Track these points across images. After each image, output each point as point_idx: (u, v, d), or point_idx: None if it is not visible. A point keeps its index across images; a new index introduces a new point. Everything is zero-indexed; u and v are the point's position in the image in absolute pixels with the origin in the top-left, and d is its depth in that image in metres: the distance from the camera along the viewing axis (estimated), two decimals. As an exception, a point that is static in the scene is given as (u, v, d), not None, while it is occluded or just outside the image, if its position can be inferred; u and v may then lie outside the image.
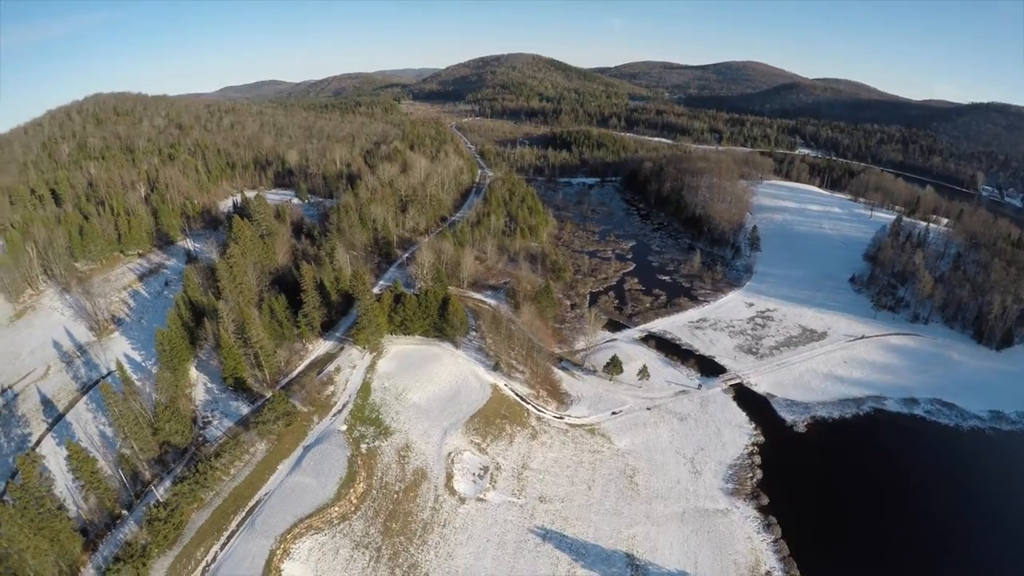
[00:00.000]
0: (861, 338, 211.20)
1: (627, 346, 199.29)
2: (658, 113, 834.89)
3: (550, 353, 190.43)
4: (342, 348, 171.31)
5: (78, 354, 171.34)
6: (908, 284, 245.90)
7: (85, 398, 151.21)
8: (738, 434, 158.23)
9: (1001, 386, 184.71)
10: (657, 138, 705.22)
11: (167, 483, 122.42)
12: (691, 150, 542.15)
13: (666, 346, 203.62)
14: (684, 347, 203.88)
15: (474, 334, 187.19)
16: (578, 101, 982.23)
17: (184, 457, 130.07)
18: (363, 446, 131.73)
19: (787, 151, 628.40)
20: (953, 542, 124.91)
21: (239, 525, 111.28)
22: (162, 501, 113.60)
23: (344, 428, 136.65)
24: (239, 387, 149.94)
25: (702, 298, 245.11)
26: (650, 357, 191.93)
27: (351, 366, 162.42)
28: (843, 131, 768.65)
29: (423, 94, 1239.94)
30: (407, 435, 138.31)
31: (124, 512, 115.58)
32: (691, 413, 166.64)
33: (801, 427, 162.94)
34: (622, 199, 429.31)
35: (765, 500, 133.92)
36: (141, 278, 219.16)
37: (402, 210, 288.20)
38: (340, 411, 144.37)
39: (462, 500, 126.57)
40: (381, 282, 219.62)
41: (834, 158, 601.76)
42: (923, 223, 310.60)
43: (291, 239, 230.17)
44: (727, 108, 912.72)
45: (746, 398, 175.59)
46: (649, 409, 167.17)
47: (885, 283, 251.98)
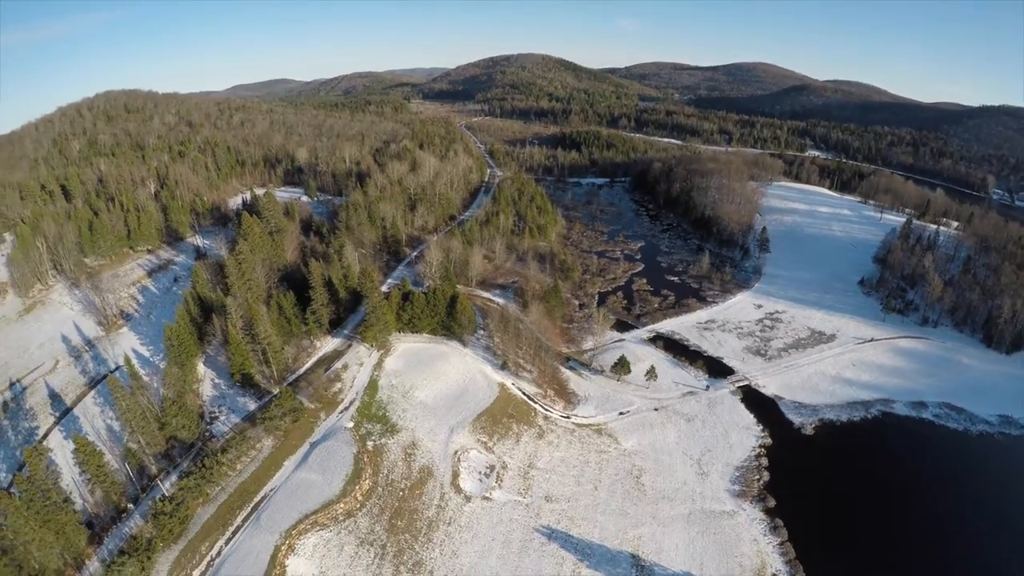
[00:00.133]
0: (870, 341, 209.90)
1: (635, 346, 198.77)
2: (668, 114, 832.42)
3: (558, 352, 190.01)
4: (350, 345, 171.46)
5: (86, 349, 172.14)
6: (918, 287, 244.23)
7: (93, 392, 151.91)
8: (745, 436, 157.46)
9: (1010, 390, 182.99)
10: (667, 139, 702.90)
11: (173, 478, 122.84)
12: (701, 151, 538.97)
13: (674, 347, 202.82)
14: (692, 348, 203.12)
15: (482, 333, 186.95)
16: (588, 102, 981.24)
17: (190, 452, 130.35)
18: (369, 443, 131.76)
19: (797, 153, 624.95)
20: (961, 547, 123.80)
21: (244, 520, 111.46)
22: (168, 495, 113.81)
23: (351, 425, 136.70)
24: (246, 383, 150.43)
25: (711, 299, 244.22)
26: (658, 358, 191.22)
27: (358, 363, 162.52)
28: (853, 133, 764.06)
29: (433, 93, 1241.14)
30: (414, 433, 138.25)
31: (130, 506, 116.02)
32: (698, 414, 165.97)
33: (809, 429, 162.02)
34: (631, 200, 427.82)
35: (772, 502, 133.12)
36: (150, 274, 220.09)
37: (411, 208, 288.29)
38: (347, 408, 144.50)
39: (468, 498, 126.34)
40: (389, 280, 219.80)
41: (844, 160, 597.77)
42: (933, 226, 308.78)
43: (300, 236, 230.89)
44: (737, 109, 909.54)
45: (754, 400, 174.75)
46: (656, 410, 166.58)
47: (894, 286, 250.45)
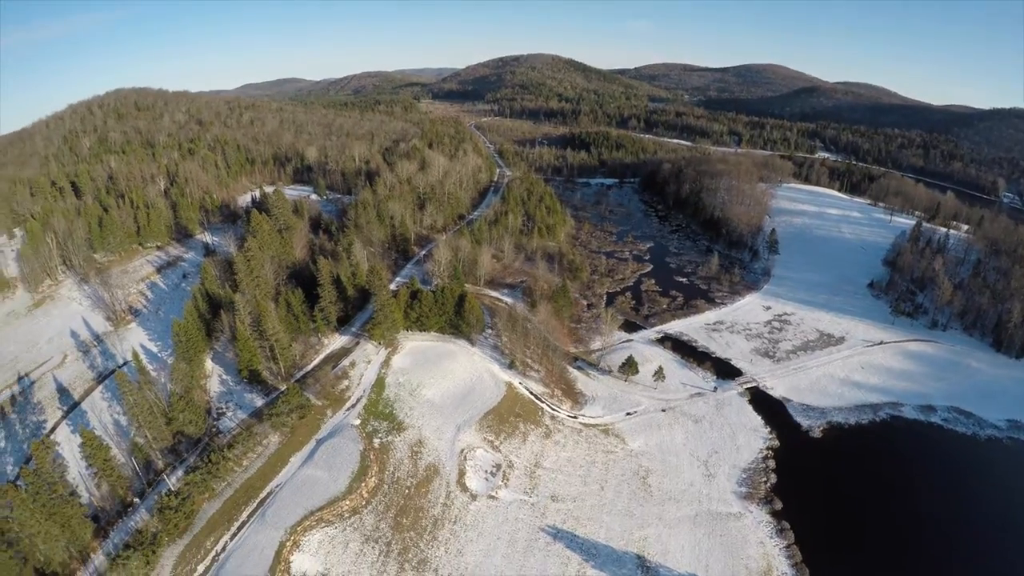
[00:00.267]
0: (879, 344, 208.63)
1: (643, 347, 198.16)
2: (677, 115, 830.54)
3: (566, 352, 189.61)
4: (357, 343, 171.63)
5: (95, 343, 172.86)
6: (927, 290, 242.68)
7: (101, 387, 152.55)
8: (753, 438, 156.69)
9: (1020, 395, 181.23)
10: (676, 140, 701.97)
11: (179, 472, 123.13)
12: (710, 152, 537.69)
13: (682, 348, 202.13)
14: (700, 349, 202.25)
15: (490, 332, 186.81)
16: (597, 102, 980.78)
17: (197, 447, 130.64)
18: (376, 441, 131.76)
19: (807, 155, 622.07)
20: (968, 551, 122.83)
21: (250, 516, 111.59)
22: (174, 490, 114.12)
23: (357, 422, 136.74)
24: (254, 379, 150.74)
25: (719, 300, 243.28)
26: (666, 358, 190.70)
27: (366, 361, 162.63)
28: (863, 135, 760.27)
29: (442, 93, 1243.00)
30: (420, 431, 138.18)
31: (136, 500, 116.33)
32: (706, 415, 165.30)
33: (817, 432, 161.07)
34: (640, 200, 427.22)
35: (779, 505, 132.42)
36: (159, 270, 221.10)
37: (420, 207, 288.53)
38: (354, 405, 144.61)
39: (474, 497, 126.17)
40: (398, 278, 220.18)
41: (854, 162, 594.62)
42: (943, 229, 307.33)
43: (309, 234, 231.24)
44: (747, 111, 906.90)
45: (762, 402, 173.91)
46: (664, 411, 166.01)
47: (904, 289, 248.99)
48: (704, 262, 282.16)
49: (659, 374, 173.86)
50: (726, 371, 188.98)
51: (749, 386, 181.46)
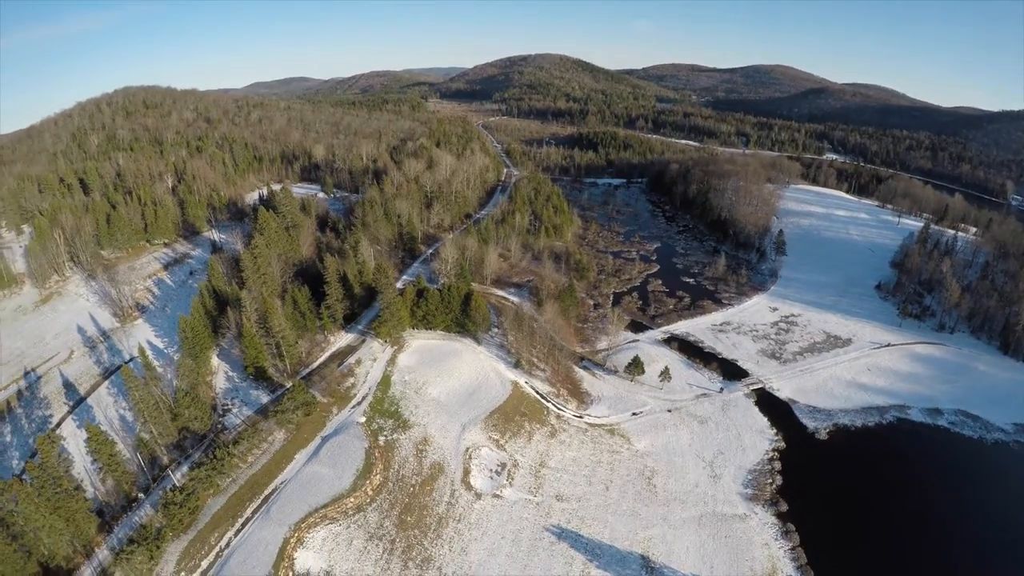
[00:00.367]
0: (886, 346, 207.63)
1: (649, 347, 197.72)
2: (685, 116, 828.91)
3: (572, 352, 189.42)
4: (363, 341, 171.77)
5: (101, 339, 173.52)
6: (935, 293, 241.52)
7: (107, 382, 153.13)
8: (759, 439, 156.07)
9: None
10: (684, 140, 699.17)
11: (184, 468, 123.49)
12: (718, 153, 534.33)
13: (688, 348, 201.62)
14: (707, 350, 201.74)
15: (496, 331, 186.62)
16: (605, 102, 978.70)
17: (202, 443, 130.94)
18: (381, 438, 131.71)
19: (815, 156, 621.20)
20: (974, 556, 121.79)
21: (254, 512, 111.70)
22: (179, 486, 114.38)
23: (363, 420, 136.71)
24: (260, 376, 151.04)
25: (726, 301, 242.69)
26: (672, 359, 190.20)
27: (372, 359, 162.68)
28: (872, 137, 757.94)
29: (450, 93, 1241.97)
30: (425, 429, 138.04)
31: (140, 495, 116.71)
32: (712, 416, 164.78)
33: (823, 434, 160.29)
34: (648, 200, 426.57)
35: (784, 507, 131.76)
36: (166, 267, 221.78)
37: (427, 206, 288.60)
38: (359, 403, 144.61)
39: (478, 496, 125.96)
40: (404, 277, 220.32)
41: (862, 164, 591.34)
42: (951, 231, 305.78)
43: (316, 232, 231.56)
44: (755, 112, 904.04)
45: (768, 403, 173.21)
46: (670, 411, 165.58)
47: (911, 291, 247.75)
48: (711, 263, 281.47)
49: (665, 374, 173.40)
50: (732, 372, 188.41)
51: (755, 387, 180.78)
